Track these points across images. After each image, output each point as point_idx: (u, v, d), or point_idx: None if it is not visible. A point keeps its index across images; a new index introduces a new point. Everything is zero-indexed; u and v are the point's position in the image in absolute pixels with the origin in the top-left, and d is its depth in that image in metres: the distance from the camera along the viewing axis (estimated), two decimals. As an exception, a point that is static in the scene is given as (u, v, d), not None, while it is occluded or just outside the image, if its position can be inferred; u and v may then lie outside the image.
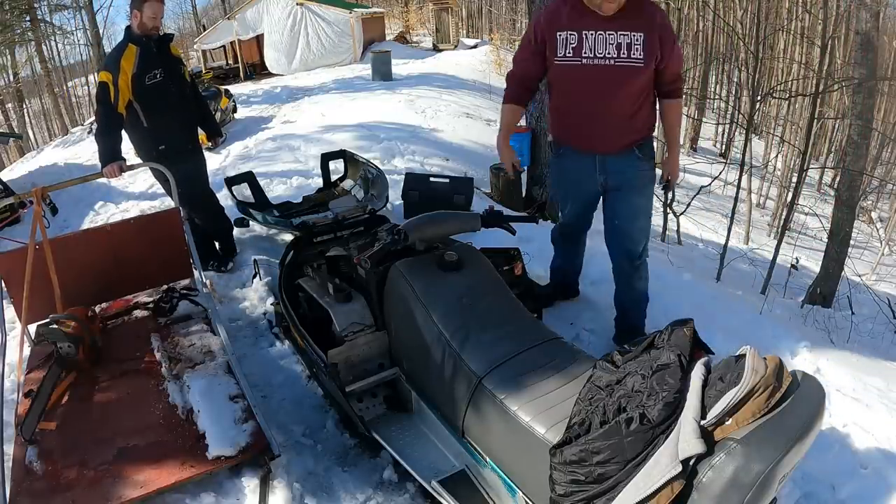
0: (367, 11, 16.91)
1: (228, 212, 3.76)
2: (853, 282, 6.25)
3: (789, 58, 14.29)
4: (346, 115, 8.24)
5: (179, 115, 3.23)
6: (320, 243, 2.71)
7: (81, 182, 3.11)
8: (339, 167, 4.51)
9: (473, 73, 12.98)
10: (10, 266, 2.59)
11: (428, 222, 2.12)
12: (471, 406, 1.63)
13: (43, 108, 22.32)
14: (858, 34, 6.17)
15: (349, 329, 2.08)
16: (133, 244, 2.84)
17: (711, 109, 16.98)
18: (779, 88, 10.70)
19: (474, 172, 5.79)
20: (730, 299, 3.59)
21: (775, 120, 14.36)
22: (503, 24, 21.17)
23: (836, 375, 2.45)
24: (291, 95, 11.09)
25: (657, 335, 1.33)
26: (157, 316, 2.82)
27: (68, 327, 2.40)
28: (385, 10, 21.39)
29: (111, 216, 5.18)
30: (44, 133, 22.49)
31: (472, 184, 4.19)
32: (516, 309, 1.92)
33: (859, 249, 10.84)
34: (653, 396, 1.18)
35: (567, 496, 1.25)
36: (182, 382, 2.32)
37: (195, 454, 1.97)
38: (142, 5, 2.94)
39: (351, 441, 2.22)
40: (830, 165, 13.21)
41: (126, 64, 2.95)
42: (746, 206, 11.72)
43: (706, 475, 1.06)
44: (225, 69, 15.64)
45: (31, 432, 2.06)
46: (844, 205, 6.17)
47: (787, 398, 1.08)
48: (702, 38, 16.12)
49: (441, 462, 1.80)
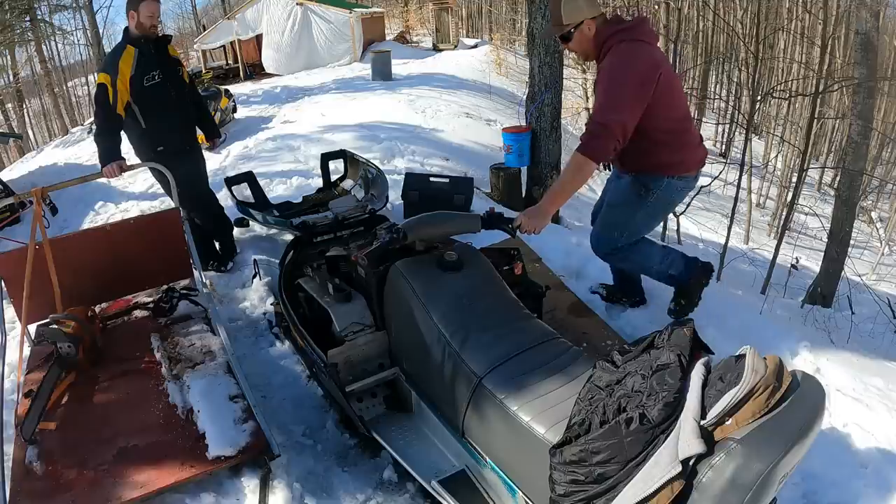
0: (367, 11, 16.89)
1: (228, 212, 3.76)
2: (853, 282, 6.25)
3: (789, 58, 14.29)
4: (346, 115, 8.23)
5: (178, 116, 3.23)
6: (320, 243, 2.71)
7: (81, 182, 3.10)
8: (339, 167, 4.51)
9: (473, 73, 12.96)
10: (10, 266, 2.59)
11: (428, 222, 2.12)
12: (471, 406, 1.63)
13: (43, 108, 22.31)
14: (858, 34, 6.16)
15: (349, 329, 2.08)
16: (133, 244, 2.84)
17: (711, 109, 16.98)
18: (779, 88, 10.71)
19: (474, 172, 5.78)
20: (730, 299, 3.59)
21: (775, 120, 14.35)
22: (503, 24, 21.15)
23: (836, 375, 2.44)
24: (291, 95, 11.08)
25: (657, 335, 1.33)
26: (157, 316, 2.82)
27: (68, 327, 2.40)
28: (385, 10, 21.37)
29: (111, 216, 5.18)
30: (44, 133, 22.49)
31: (472, 184, 4.19)
32: (516, 309, 1.92)
33: (859, 249, 10.84)
34: (653, 396, 1.17)
35: (567, 496, 1.25)
36: (182, 382, 2.32)
37: (195, 454, 1.97)
38: (138, 6, 2.95)
39: (351, 441, 2.23)
40: (830, 165, 13.21)
41: (124, 66, 2.95)
42: (746, 206, 11.71)
43: (706, 475, 1.05)
44: (225, 69, 15.62)
45: (31, 432, 2.06)
46: (844, 205, 6.17)
47: (787, 398, 1.08)
48: (702, 38, 16.11)
49: (441, 462, 1.80)
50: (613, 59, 2.18)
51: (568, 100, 11.84)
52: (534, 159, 5.10)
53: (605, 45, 2.23)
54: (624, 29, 2.19)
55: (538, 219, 2.12)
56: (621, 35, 2.18)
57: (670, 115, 2.26)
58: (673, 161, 2.35)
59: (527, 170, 5.23)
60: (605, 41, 2.22)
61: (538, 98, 4.82)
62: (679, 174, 2.40)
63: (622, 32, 2.19)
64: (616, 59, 2.17)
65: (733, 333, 2.62)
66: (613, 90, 2.14)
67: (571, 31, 2.26)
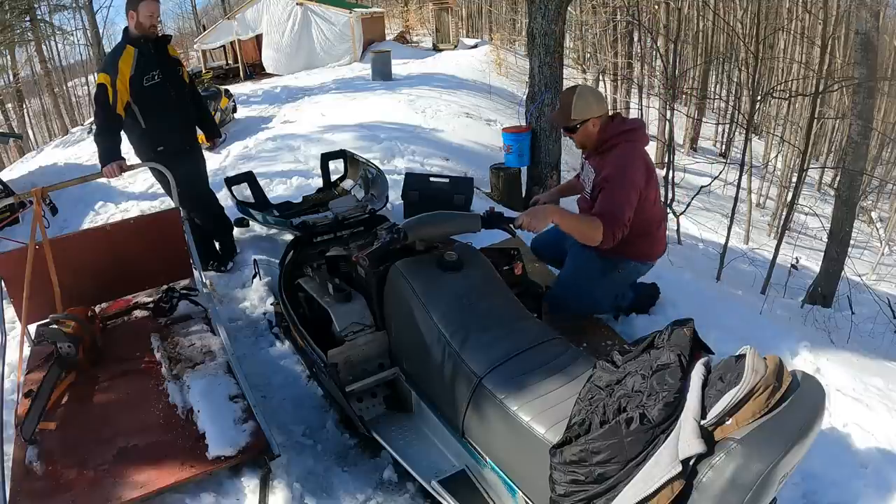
0: (367, 11, 16.88)
1: (228, 212, 3.76)
2: (853, 282, 6.25)
3: (789, 58, 14.29)
4: (346, 115, 8.23)
5: (177, 116, 3.23)
6: (320, 243, 2.71)
7: (81, 182, 3.10)
8: (339, 167, 4.51)
9: (473, 73, 12.97)
10: (10, 266, 2.58)
11: (428, 222, 2.12)
12: (471, 406, 1.63)
13: (43, 108, 22.32)
14: (858, 34, 6.17)
15: (349, 329, 2.08)
16: (133, 244, 2.83)
17: (711, 109, 16.98)
18: (779, 88, 10.72)
19: (474, 172, 5.79)
20: (730, 299, 3.60)
21: (775, 120, 14.36)
22: (503, 24, 21.15)
23: (836, 375, 2.45)
24: (291, 95, 11.08)
25: (657, 335, 1.33)
26: (157, 316, 2.82)
27: (68, 327, 2.39)
28: (385, 10, 21.36)
29: (111, 216, 5.18)
30: (44, 133, 22.50)
31: (472, 184, 4.18)
32: (516, 309, 1.92)
33: (859, 249, 10.84)
34: (653, 396, 1.17)
35: (567, 496, 1.25)
36: (182, 382, 2.32)
37: (195, 454, 1.97)
38: (137, 6, 2.95)
39: (351, 441, 2.22)
40: (830, 165, 13.21)
41: (124, 66, 2.95)
42: (746, 206, 11.72)
43: (706, 475, 1.06)
44: (225, 69, 15.62)
45: (31, 432, 2.06)
46: (844, 205, 6.17)
47: (787, 398, 1.08)
48: (702, 38, 16.11)
49: (441, 462, 1.80)
50: (623, 161, 2.35)
51: (568, 100, 11.81)
52: (534, 159, 5.10)
53: (607, 142, 2.41)
54: (627, 131, 2.39)
55: (539, 218, 2.15)
56: (627, 136, 2.38)
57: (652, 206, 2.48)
58: (643, 251, 2.56)
59: (527, 170, 5.23)
60: (608, 139, 2.40)
61: (538, 98, 4.82)
62: (644, 261, 2.62)
63: (627, 134, 2.39)
64: (626, 162, 2.34)
65: (733, 333, 2.62)
66: (627, 189, 2.32)
67: (578, 126, 2.41)
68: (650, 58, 14.49)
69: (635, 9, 12.48)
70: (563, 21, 4.70)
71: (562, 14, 4.63)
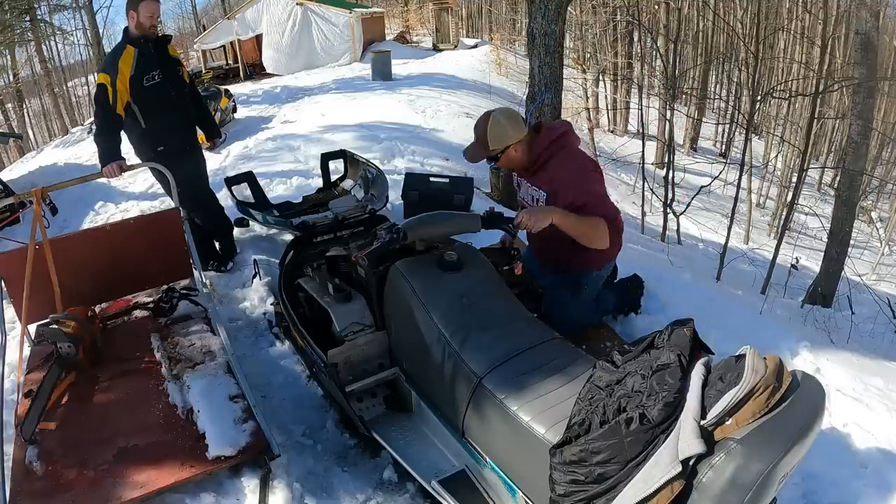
0: (367, 11, 16.89)
1: (228, 212, 3.76)
2: (853, 282, 6.25)
3: (789, 58, 14.29)
4: (346, 115, 8.24)
5: (178, 116, 3.23)
6: (320, 243, 2.71)
7: (81, 182, 3.10)
8: (339, 167, 4.51)
9: (473, 73, 12.98)
10: (10, 266, 2.58)
11: (428, 222, 2.12)
12: (471, 406, 1.63)
13: (43, 108, 22.32)
14: (858, 34, 6.17)
15: (349, 329, 2.08)
16: (133, 244, 2.83)
17: (711, 109, 16.99)
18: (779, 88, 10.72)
19: (474, 172, 5.78)
20: (730, 299, 3.59)
21: (775, 120, 14.36)
22: (503, 24, 21.16)
23: (836, 375, 2.44)
24: (291, 95, 11.08)
25: (657, 335, 1.33)
26: (157, 316, 2.82)
27: (68, 327, 2.39)
28: (385, 10, 21.36)
29: (111, 216, 5.18)
30: (44, 133, 22.50)
31: (472, 184, 4.18)
32: (516, 309, 1.92)
33: (859, 249, 10.84)
34: (653, 396, 1.18)
35: (567, 496, 1.25)
36: (182, 382, 2.32)
37: (195, 454, 1.97)
38: (137, 6, 2.95)
39: (351, 441, 2.22)
40: (830, 165, 13.22)
41: (124, 66, 2.95)
42: (746, 206, 11.72)
43: (706, 475, 1.06)
44: (225, 69, 15.62)
45: (31, 432, 2.06)
46: (844, 205, 6.17)
47: (787, 398, 1.08)
48: (702, 38, 16.11)
49: (441, 462, 1.80)
50: (570, 164, 2.28)
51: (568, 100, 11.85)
52: (534, 159, 5.08)
53: (540, 158, 2.31)
54: (556, 139, 2.29)
55: (539, 218, 2.13)
56: (558, 143, 2.29)
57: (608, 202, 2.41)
58: (598, 256, 2.42)
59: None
60: (539, 155, 2.31)
61: (538, 98, 4.82)
62: (601, 268, 2.55)
63: (557, 142, 2.29)
64: (574, 165, 2.29)
65: (733, 333, 2.62)
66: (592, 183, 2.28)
67: (499, 154, 2.32)
68: (650, 58, 14.50)
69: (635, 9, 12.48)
70: (563, 21, 4.70)
71: (562, 14, 4.63)
